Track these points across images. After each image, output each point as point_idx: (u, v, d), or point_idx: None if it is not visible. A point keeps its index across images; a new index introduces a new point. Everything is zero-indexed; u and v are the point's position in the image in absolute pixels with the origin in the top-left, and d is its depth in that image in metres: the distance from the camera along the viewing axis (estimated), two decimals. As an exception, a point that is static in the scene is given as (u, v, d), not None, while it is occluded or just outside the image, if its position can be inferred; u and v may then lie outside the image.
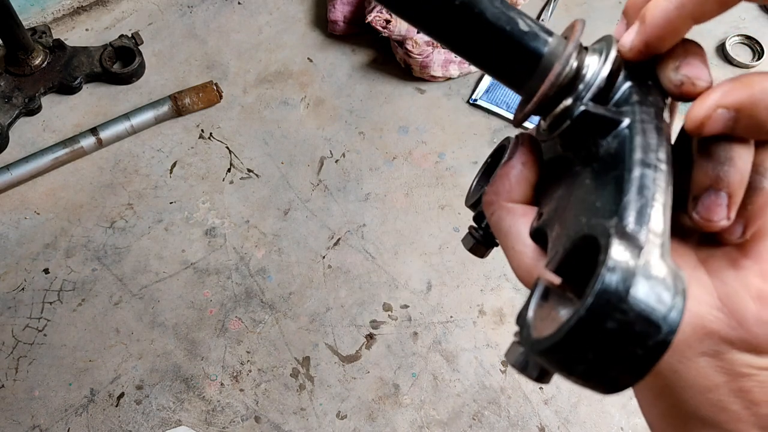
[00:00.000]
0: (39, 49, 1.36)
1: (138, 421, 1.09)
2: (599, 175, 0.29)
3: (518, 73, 0.32)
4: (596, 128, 0.30)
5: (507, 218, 0.34)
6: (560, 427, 1.11)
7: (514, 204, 0.35)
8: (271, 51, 1.48)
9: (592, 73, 0.30)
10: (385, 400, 1.12)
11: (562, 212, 0.30)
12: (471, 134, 1.39)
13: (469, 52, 0.33)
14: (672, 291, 0.22)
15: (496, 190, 0.35)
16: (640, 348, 0.22)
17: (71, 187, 1.30)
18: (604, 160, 0.29)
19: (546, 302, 0.27)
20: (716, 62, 1.51)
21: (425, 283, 1.23)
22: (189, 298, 1.20)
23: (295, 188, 1.32)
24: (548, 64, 0.31)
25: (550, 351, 0.23)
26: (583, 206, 0.28)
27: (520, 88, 0.33)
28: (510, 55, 0.32)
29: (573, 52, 0.31)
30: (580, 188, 0.30)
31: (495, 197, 0.35)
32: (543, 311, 0.26)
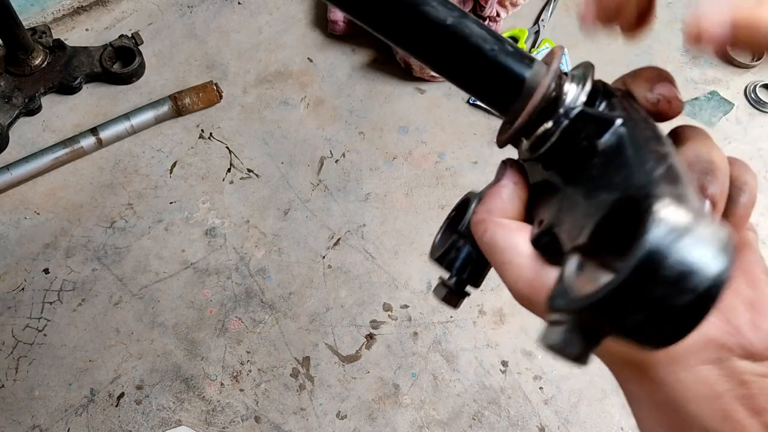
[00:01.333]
0: (39, 49, 1.36)
1: (138, 421, 1.09)
2: (605, 168, 0.30)
3: (502, 96, 0.34)
4: (593, 128, 0.31)
5: (501, 233, 0.35)
6: (560, 427, 1.11)
7: (508, 220, 0.35)
8: (271, 51, 1.48)
9: (571, 98, 0.32)
10: (385, 400, 1.12)
11: (571, 207, 0.30)
12: (471, 134, 1.39)
13: (455, 74, 0.35)
14: (719, 243, 0.22)
15: (489, 209, 0.35)
16: (692, 298, 0.22)
17: (71, 187, 1.30)
18: (606, 153, 0.30)
19: (582, 273, 0.27)
20: (716, 62, 1.51)
21: (425, 283, 1.23)
22: (189, 298, 1.20)
23: (295, 188, 1.32)
24: (531, 88, 0.33)
25: (604, 303, 0.23)
26: (602, 185, 0.29)
27: (503, 111, 0.35)
28: (494, 78, 0.33)
29: (554, 77, 0.32)
30: (585, 183, 0.31)
31: (487, 215, 0.35)
32: (581, 281, 0.26)
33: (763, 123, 1.44)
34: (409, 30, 0.33)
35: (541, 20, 1.53)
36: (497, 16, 1.48)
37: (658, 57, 1.51)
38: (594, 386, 1.14)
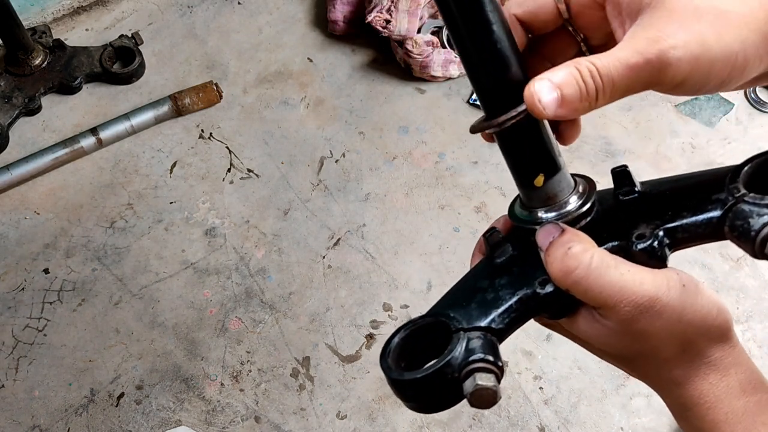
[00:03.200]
0: (39, 49, 1.36)
1: (138, 421, 1.09)
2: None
3: (534, 169, 0.43)
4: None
5: (602, 257, 0.39)
6: (560, 427, 1.11)
7: (596, 251, 0.40)
8: (271, 51, 1.48)
9: (576, 204, 0.43)
10: (385, 400, 1.12)
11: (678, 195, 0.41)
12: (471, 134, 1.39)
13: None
14: None
15: (572, 256, 0.39)
16: None
17: (71, 187, 1.30)
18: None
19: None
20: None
21: (425, 283, 1.23)
22: (189, 298, 1.20)
23: (295, 188, 1.32)
24: (558, 179, 0.44)
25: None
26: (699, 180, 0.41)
27: (525, 179, 0.43)
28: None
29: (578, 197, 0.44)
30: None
31: (575, 262, 0.39)
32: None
33: (763, 123, 1.44)
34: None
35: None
36: (497, 16, 1.48)
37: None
38: (594, 386, 1.14)
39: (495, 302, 0.41)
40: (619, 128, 1.42)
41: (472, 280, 0.45)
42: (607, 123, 1.42)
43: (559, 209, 0.43)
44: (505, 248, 0.44)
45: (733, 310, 1.22)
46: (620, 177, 0.44)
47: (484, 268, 0.45)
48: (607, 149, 1.39)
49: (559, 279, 0.39)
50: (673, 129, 1.42)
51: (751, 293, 1.23)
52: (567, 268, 0.38)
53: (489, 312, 0.41)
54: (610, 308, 0.38)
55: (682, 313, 0.38)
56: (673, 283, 0.38)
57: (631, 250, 0.40)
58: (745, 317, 1.21)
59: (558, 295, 0.40)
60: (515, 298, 0.41)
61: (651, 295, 0.37)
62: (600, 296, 0.38)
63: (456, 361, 0.39)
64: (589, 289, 0.38)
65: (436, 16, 1.47)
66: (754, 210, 0.36)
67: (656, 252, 0.39)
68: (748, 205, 0.37)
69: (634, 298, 0.37)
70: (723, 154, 1.39)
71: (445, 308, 0.44)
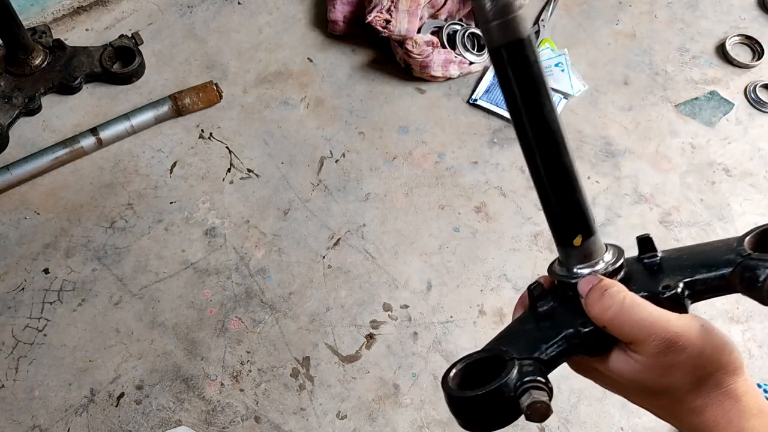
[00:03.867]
0: (39, 49, 1.36)
1: (138, 421, 1.09)
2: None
3: (574, 230, 0.50)
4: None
5: (633, 297, 0.46)
6: (560, 427, 1.11)
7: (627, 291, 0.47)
8: (271, 51, 1.48)
9: (609, 261, 0.51)
10: (385, 400, 1.12)
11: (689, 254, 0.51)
12: (471, 134, 1.39)
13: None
14: None
15: (609, 296, 0.47)
16: None
17: (71, 187, 1.30)
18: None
19: None
20: (716, 62, 1.51)
21: (425, 283, 1.23)
22: (189, 298, 1.20)
23: (295, 188, 1.32)
24: (593, 240, 0.51)
25: None
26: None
27: (565, 238, 0.50)
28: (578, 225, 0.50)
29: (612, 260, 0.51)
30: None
31: (611, 301, 0.46)
32: None
33: (763, 123, 1.44)
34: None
35: (541, 20, 1.53)
36: (497, 16, 1.48)
37: (657, 57, 1.51)
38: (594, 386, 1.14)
39: (542, 339, 0.49)
40: (619, 128, 1.42)
41: (519, 324, 0.53)
42: (607, 123, 1.42)
43: (595, 265, 0.50)
44: (547, 299, 0.52)
45: (733, 310, 1.22)
46: (644, 243, 0.52)
47: (529, 316, 0.53)
48: (607, 149, 1.39)
49: (597, 316, 0.46)
50: (673, 129, 1.42)
51: (751, 293, 1.23)
52: (604, 306, 0.46)
53: (538, 346, 0.49)
54: (640, 342, 0.45)
55: (702, 348, 0.45)
56: (694, 323, 0.45)
57: (659, 298, 0.47)
58: (745, 317, 1.21)
59: (596, 333, 0.47)
60: (560, 335, 0.49)
61: (676, 331, 0.44)
62: (632, 331, 0.45)
63: (512, 382, 0.45)
64: (624, 324, 0.45)
65: (436, 16, 1.47)
66: (760, 264, 0.44)
67: (680, 300, 0.47)
68: (753, 261, 0.45)
69: (662, 333, 0.44)
70: (723, 154, 1.39)
71: (497, 345, 0.51)
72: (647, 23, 1.56)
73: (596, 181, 1.35)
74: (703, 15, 1.57)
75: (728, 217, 1.31)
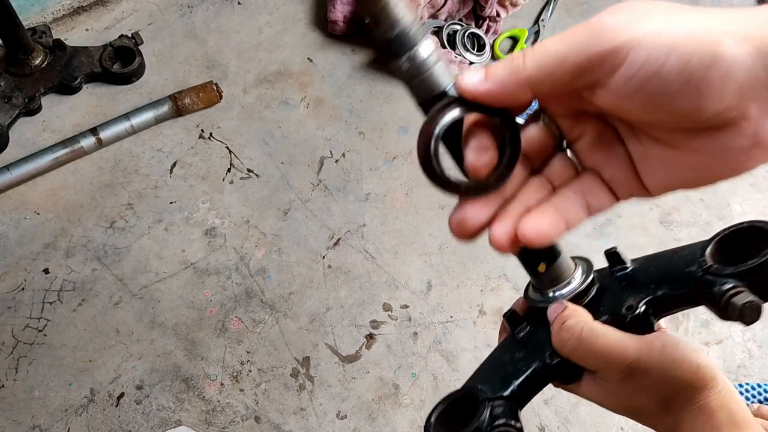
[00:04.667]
0: (39, 49, 1.36)
1: (138, 421, 1.09)
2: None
3: (535, 259, 0.50)
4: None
5: (592, 328, 0.46)
6: (560, 427, 1.11)
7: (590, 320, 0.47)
8: (271, 51, 1.48)
9: (577, 282, 0.51)
10: (385, 400, 1.12)
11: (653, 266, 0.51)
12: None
13: None
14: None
15: (567, 329, 0.47)
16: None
17: (71, 187, 1.30)
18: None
19: None
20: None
21: (425, 283, 1.23)
22: (189, 298, 1.20)
23: (295, 188, 1.32)
24: (559, 264, 0.50)
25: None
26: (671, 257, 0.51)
27: (530, 267, 0.50)
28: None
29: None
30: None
31: (568, 334, 0.46)
32: None
33: (763, 123, 1.44)
34: None
35: (541, 20, 1.53)
36: (497, 16, 1.48)
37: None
38: (594, 386, 1.14)
39: (514, 374, 0.50)
40: (619, 128, 1.42)
41: (498, 354, 0.55)
42: (607, 123, 1.42)
43: (563, 289, 0.51)
44: (524, 325, 0.54)
45: (733, 310, 1.22)
46: (613, 257, 0.53)
47: (507, 343, 0.55)
48: (607, 149, 1.39)
49: (558, 349, 0.47)
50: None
51: (751, 293, 1.23)
52: (563, 339, 0.46)
53: (509, 383, 0.50)
54: (603, 371, 0.46)
55: (665, 369, 0.45)
56: (654, 346, 0.45)
57: (623, 321, 0.48)
58: (745, 317, 1.21)
59: (564, 364, 0.48)
60: (530, 370, 0.50)
61: (635, 357, 0.44)
62: (593, 362, 0.45)
63: (482, 426, 0.47)
64: (584, 357, 0.46)
65: (436, 16, 1.47)
66: (717, 280, 0.44)
67: (643, 320, 0.47)
68: (712, 276, 0.45)
69: (621, 361, 0.44)
70: (723, 154, 1.39)
71: (476, 381, 0.53)
72: (647, 23, 1.56)
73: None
74: (703, 15, 1.57)
75: (728, 217, 1.31)
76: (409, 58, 0.44)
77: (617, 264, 0.52)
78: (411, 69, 0.45)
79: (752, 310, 0.42)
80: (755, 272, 0.44)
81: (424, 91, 0.46)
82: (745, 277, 0.44)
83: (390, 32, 0.43)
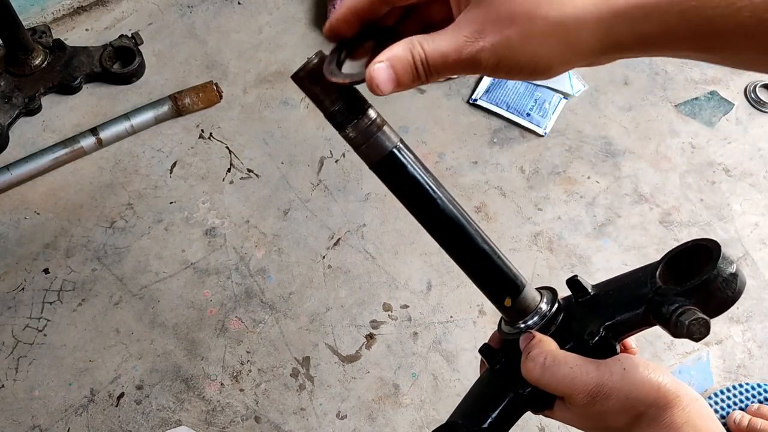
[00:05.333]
0: (39, 49, 1.36)
1: (138, 421, 1.09)
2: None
3: (500, 295, 0.56)
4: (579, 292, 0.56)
5: (554, 356, 0.49)
6: (560, 427, 1.11)
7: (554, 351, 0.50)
8: (271, 51, 1.48)
9: (544, 311, 0.55)
10: (385, 400, 1.12)
11: (613, 292, 0.53)
12: (471, 134, 1.39)
13: (476, 275, 0.57)
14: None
15: (531, 359, 0.50)
16: (730, 291, 0.45)
17: (71, 187, 1.30)
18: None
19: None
20: (716, 62, 1.51)
21: (425, 283, 1.23)
22: (189, 298, 1.20)
23: (295, 188, 1.32)
24: (524, 296, 0.55)
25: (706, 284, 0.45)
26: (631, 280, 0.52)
27: (496, 302, 0.56)
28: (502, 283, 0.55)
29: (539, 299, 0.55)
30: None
31: (533, 364, 0.49)
32: None
33: (763, 123, 1.44)
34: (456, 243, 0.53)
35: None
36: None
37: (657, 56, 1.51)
38: (594, 386, 1.14)
39: (491, 406, 0.53)
40: (619, 128, 1.42)
41: (477, 388, 0.58)
42: (607, 123, 1.42)
43: (531, 319, 0.54)
44: (498, 357, 0.56)
45: (733, 310, 1.22)
46: (574, 285, 0.55)
47: (485, 377, 0.58)
48: (607, 149, 1.39)
49: (526, 378, 0.50)
50: (673, 129, 1.42)
51: (752, 293, 1.23)
52: (528, 368, 0.49)
53: (488, 416, 0.53)
54: (569, 397, 0.48)
55: (627, 392, 0.47)
56: (615, 369, 0.48)
57: (587, 347, 0.50)
58: (746, 317, 1.21)
59: (535, 392, 0.51)
60: (505, 401, 0.53)
61: (597, 382, 0.47)
62: (558, 389, 0.48)
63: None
64: (549, 385, 0.48)
65: (436, 16, 1.47)
66: (665, 300, 0.46)
67: (605, 344, 0.50)
68: (659, 298, 0.47)
69: (583, 387, 0.47)
70: (723, 154, 1.39)
71: (457, 417, 0.56)
72: (647, 23, 1.56)
73: (596, 181, 1.35)
74: (703, 15, 1.57)
75: (728, 217, 1.31)
76: (353, 128, 0.47)
77: (579, 291, 0.54)
78: (357, 137, 0.48)
79: (700, 326, 0.43)
80: (699, 290, 0.45)
81: (373, 155, 0.49)
82: (691, 295, 0.45)
83: (332, 107, 0.47)
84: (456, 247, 0.54)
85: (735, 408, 1.08)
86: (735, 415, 1.04)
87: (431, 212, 0.51)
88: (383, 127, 0.48)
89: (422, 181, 0.50)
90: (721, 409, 1.09)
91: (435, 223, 0.52)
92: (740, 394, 1.10)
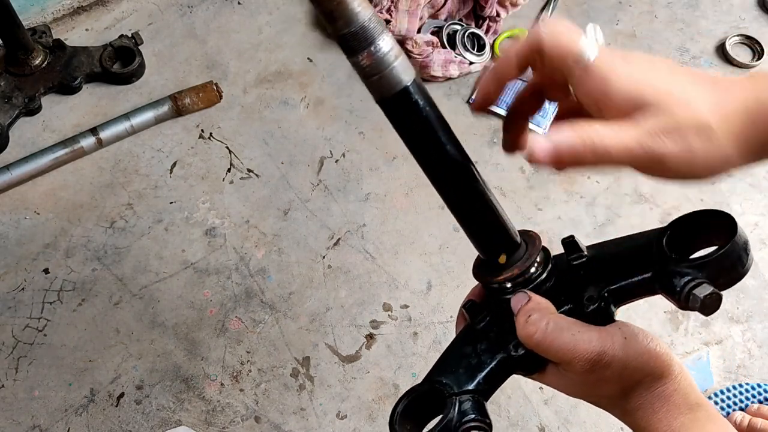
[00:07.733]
0: (39, 49, 1.36)
1: (138, 421, 1.09)
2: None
3: (496, 251, 0.51)
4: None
5: (556, 321, 0.47)
6: (560, 427, 1.11)
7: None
8: (271, 51, 1.48)
9: (536, 272, 0.52)
10: (385, 400, 1.12)
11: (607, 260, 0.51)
12: (471, 134, 1.39)
13: (472, 224, 0.51)
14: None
15: (532, 323, 0.48)
16: (741, 267, 0.44)
17: (71, 187, 1.30)
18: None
19: None
20: (717, 62, 1.51)
21: (425, 283, 1.23)
22: (189, 298, 1.20)
23: (295, 188, 1.32)
24: (519, 254, 0.51)
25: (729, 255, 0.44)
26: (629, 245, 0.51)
27: (490, 258, 0.51)
28: (498, 236, 0.51)
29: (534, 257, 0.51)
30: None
31: (534, 328, 0.48)
32: None
33: (763, 123, 1.44)
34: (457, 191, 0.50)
35: (541, 20, 1.53)
36: (497, 16, 1.48)
37: (658, 57, 1.51)
38: (594, 386, 1.14)
39: (479, 367, 0.50)
40: (619, 128, 1.41)
41: (459, 345, 0.55)
42: (607, 123, 1.42)
43: (522, 277, 0.50)
44: (483, 315, 0.54)
45: (733, 310, 1.22)
46: (570, 246, 0.52)
47: (467, 334, 0.55)
48: (607, 149, 1.39)
49: (524, 341, 0.49)
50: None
51: (751, 293, 1.23)
52: (529, 332, 0.48)
53: (475, 376, 0.50)
54: (567, 364, 0.47)
55: (626, 361, 0.47)
56: (617, 338, 0.47)
57: (584, 311, 0.48)
58: (745, 317, 1.21)
59: (528, 355, 0.49)
60: (495, 361, 0.50)
61: (599, 350, 0.46)
62: (558, 355, 0.47)
63: (452, 423, 0.47)
64: (549, 350, 0.47)
65: (436, 16, 1.47)
66: (677, 271, 0.44)
67: (603, 311, 0.48)
68: (671, 267, 0.45)
69: (585, 354, 0.46)
70: (723, 154, 1.39)
71: (438, 375, 0.53)
72: (647, 23, 1.56)
73: (596, 181, 1.35)
74: (702, 15, 1.57)
75: (728, 217, 1.31)
76: (368, 55, 0.41)
77: (574, 252, 0.52)
78: (370, 66, 0.42)
79: (713, 301, 0.42)
80: (713, 264, 0.44)
81: (385, 89, 0.44)
82: (704, 269, 0.44)
83: (346, 28, 0.40)
84: (461, 197, 0.50)
85: (735, 408, 1.08)
86: (735, 416, 1.04)
87: (439, 159, 0.49)
88: (399, 57, 0.43)
89: (431, 120, 0.47)
90: (721, 409, 1.09)
91: (441, 171, 0.49)
92: (740, 394, 1.10)
